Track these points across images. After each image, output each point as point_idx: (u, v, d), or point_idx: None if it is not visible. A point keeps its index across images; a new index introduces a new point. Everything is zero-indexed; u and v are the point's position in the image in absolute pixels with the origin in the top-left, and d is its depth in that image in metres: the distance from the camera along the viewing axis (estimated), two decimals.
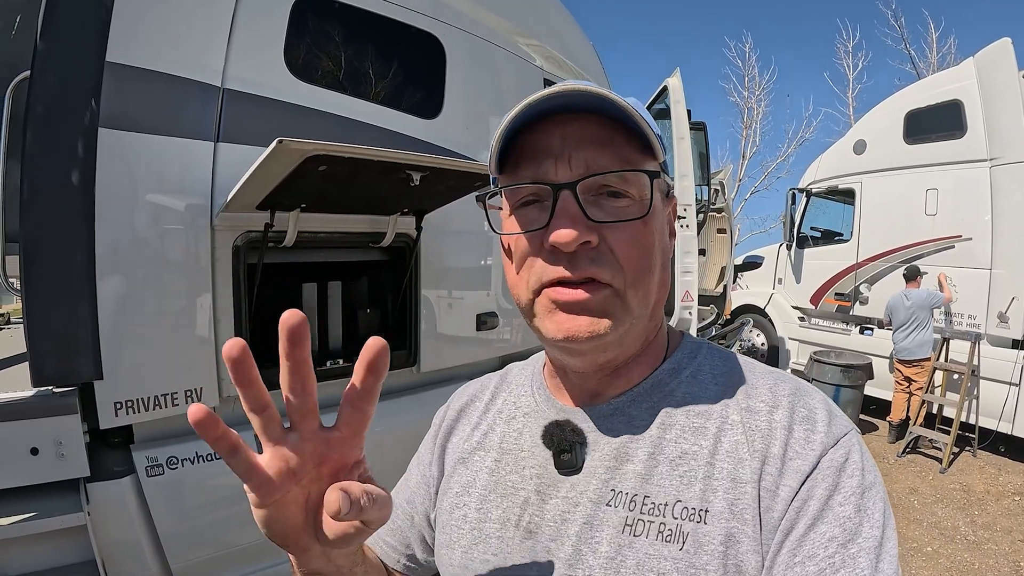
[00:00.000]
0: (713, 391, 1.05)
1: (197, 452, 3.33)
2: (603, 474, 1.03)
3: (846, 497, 0.89)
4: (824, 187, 12.15)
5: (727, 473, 0.95)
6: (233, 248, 3.41)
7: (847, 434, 0.96)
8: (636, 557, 0.94)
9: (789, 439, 0.95)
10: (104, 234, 2.94)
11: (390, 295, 4.36)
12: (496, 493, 1.14)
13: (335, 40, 3.98)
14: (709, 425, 1.00)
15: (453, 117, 4.55)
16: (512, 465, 1.15)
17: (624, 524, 0.97)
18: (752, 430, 0.97)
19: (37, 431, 2.92)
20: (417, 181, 3.04)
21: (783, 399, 1.00)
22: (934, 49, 27.21)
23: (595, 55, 6.88)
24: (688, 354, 1.13)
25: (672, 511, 0.95)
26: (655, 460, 1.00)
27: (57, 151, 2.78)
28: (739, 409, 1.01)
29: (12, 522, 2.83)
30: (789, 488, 0.91)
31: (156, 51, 3.11)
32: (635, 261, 0.96)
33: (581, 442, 1.08)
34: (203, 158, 3.28)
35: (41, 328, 2.81)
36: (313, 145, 2.50)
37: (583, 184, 0.94)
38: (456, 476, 1.24)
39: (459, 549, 1.15)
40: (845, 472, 0.91)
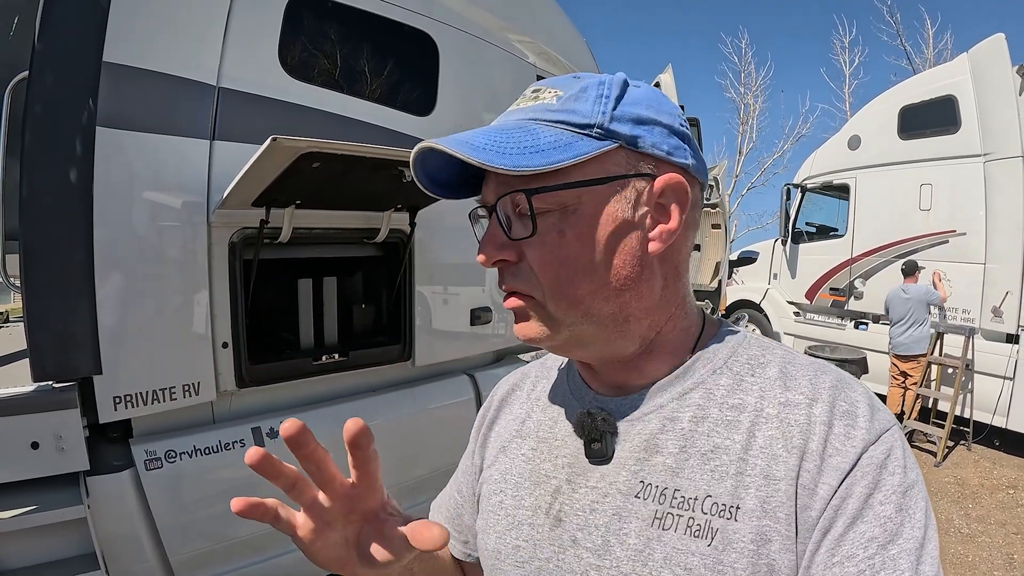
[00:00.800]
0: (749, 382, 1.00)
1: (195, 445, 3.38)
2: (633, 465, 1.01)
3: (887, 496, 0.85)
4: (819, 183, 12.12)
5: (760, 469, 0.91)
6: (229, 244, 3.45)
7: (889, 430, 0.91)
8: (664, 551, 0.92)
9: (829, 435, 0.90)
10: (102, 231, 3.00)
11: (384, 290, 4.39)
12: (530, 480, 1.13)
13: (329, 38, 4.02)
14: (743, 418, 0.96)
15: (446, 114, 4.57)
16: (547, 453, 1.14)
17: (653, 517, 0.95)
18: (789, 425, 0.93)
19: (37, 425, 2.95)
20: (409, 177, 3.00)
21: (823, 392, 0.95)
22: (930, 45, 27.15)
23: (588, 51, 6.91)
24: (724, 343, 1.07)
25: (702, 506, 0.92)
26: (686, 453, 0.97)
27: (55, 150, 2.83)
28: (776, 402, 0.96)
29: (13, 515, 2.87)
30: (828, 486, 0.87)
31: (152, 51, 3.15)
32: (551, 274, 0.96)
33: (612, 432, 1.05)
34: (199, 156, 3.31)
35: (41, 324, 2.86)
36: (306, 142, 2.54)
37: (503, 204, 0.96)
38: (496, 464, 1.24)
39: (494, 535, 1.15)
40: (886, 469, 0.87)
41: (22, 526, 2.90)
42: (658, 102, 0.99)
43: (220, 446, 3.46)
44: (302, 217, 3.56)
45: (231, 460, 3.47)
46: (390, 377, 4.44)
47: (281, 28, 3.66)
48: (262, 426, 3.64)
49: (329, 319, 4.13)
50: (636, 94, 0.97)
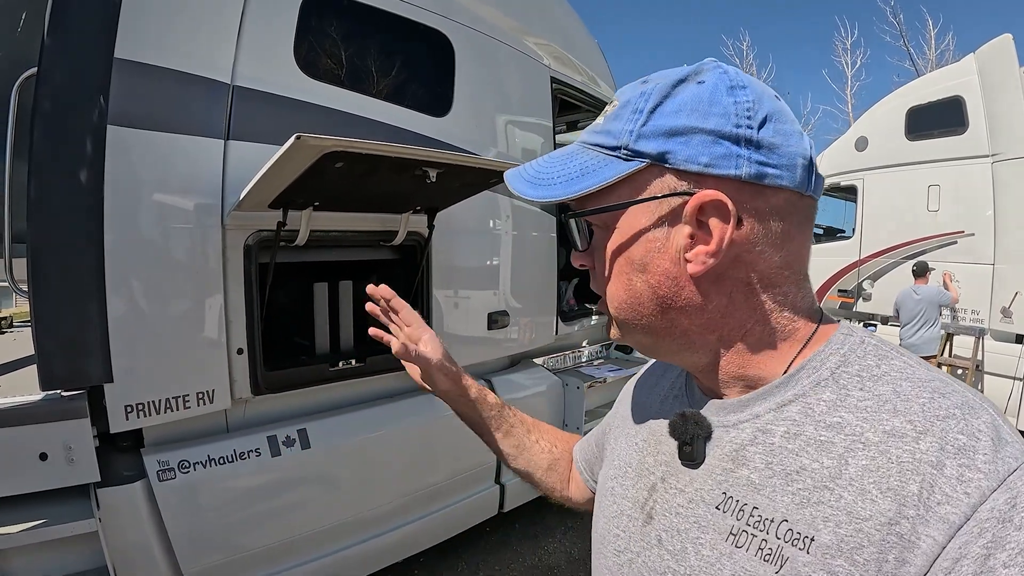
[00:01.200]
0: (855, 398, 0.88)
1: (209, 455, 3.27)
2: (719, 475, 0.97)
3: (1011, 556, 0.71)
4: (826, 184, 11.74)
5: (845, 503, 0.81)
6: (244, 247, 3.33)
7: (1017, 470, 0.75)
8: (732, 568, 0.89)
9: (937, 478, 0.77)
10: (113, 233, 2.89)
11: (401, 294, 4.18)
12: (636, 471, 1.14)
13: (344, 37, 3.91)
14: (838, 441, 0.86)
15: (463, 115, 4.48)
16: (653, 447, 1.13)
17: (729, 532, 0.91)
18: (890, 460, 0.80)
19: (46, 436, 2.85)
20: (433, 178, 2.96)
21: (936, 422, 0.81)
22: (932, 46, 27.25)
23: (600, 53, 6.82)
24: (835, 350, 0.94)
25: (777, 530, 0.86)
26: (771, 470, 0.90)
27: (65, 149, 2.74)
28: (880, 429, 0.83)
29: (21, 529, 2.76)
30: (933, 540, 0.74)
31: (165, 48, 3.05)
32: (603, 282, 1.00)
33: (704, 436, 1.01)
34: (213, 156, 3.21)
35: (49, 330, 2.76)
36: (332, 141, 2.42)
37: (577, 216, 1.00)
38: (618, 448, 1.26)
39: (603, 518, 1.19)
40: (1012, 522, 0.72)
41: (30, 541, 2.78)
42: (709, 102, 0.88)
43: (235, 455, 3.35)
44: (319, 219, 3.44)
45: (246, 470, 3.36)
46: (407, 383, 4.21)
47: (296, 26, 3.55)
48: (278, 434, 3.54)
49: (345, 324, 4.01)
50: (681, 99, 0.89)
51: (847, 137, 11.85)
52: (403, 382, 4.27)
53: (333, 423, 3.80)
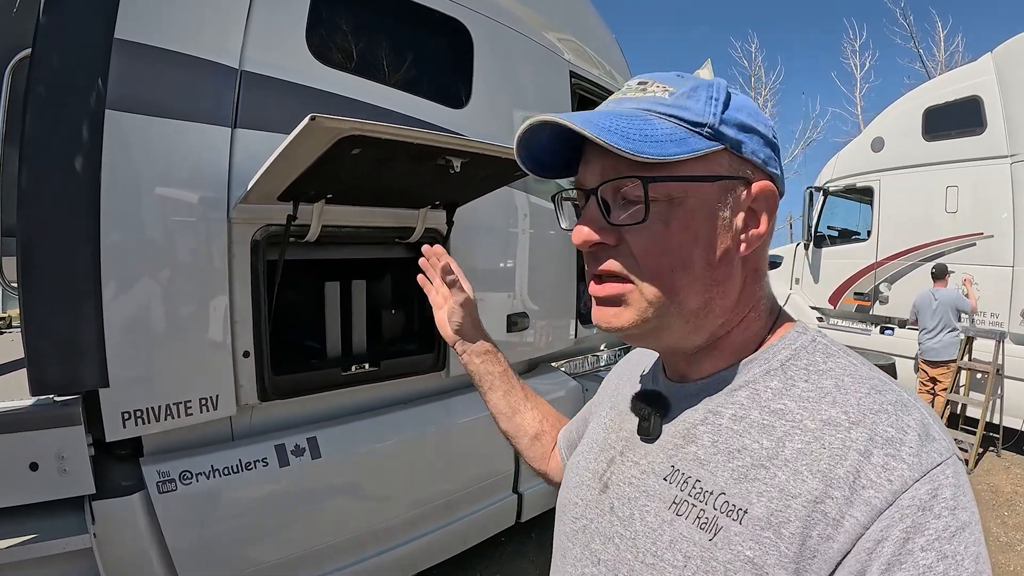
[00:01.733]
0: (799, 389, 0.96)
1: (213, 465, 3.08)
2: (671, 450, 1.05)
3: (929, 541, 0.77)
4: (841, 185, 11.80)
5: (779, 481, 0.88)
6: (252, 243, 3.15)
7: (940, 465, 0.82)
8: (672, 535, 0.96)
9: (864, 465, 0.83)
10: (110, 228, 2.72)
11: (417, 295, 4.06)
12: (599, 446, 1.23)
13: (359, 23, 3.73)
14: (778, 425, 0.93)
15: (482, 107, 4.29)
16: (617, 424, 1.22)
17: (672, 501, 0.99)
18: (822, 446, 0.87)
19: (37, 444, 2.68)
20: (458, 168, 2.76)
21: (868, 415, 0.88)
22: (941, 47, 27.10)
23: (618, 47, 6.64)
24: (787, 344, 1.04)
25: (715, 501, 0.93)
26: (716, 447, 0.98)
27: (59, 135, 2.60)
28: (818, 417, 0.91)
29: (9, 545, 2.57)
30: (856, 521, 0.81)
31: (169, 29, 2.88)
32: (653, 261, 0.97)
33: (660, 414, 1.10)
34: (219, 145, 3.02)
35: (41, 331, 2.62)
36: (349, 124, 2.21)
37: (608, 188, 0.99)
38: (591, 429, 1.35)
39: (565, 489, 1.27)
40: (931, 511, 0.79)
41: (20, 557, 2.57)
42: (756, 112, 1.01)
43: (240, 466, 3.15)
44: (331, 214, 3.25)
45: (253, 481, 3.17)
46: (422, 388, 4.16)
47: (309, 9, 3.37)
48: (286, 443, 3.34)
49: (358, 326, 3.83)
50: (739, 101, 1.00)
51: (863, 138, 11.68)
52: (418, 387, 4.13)
53: (345, 431, 3.60)
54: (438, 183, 3.18)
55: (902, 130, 10.62)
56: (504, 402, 1.70)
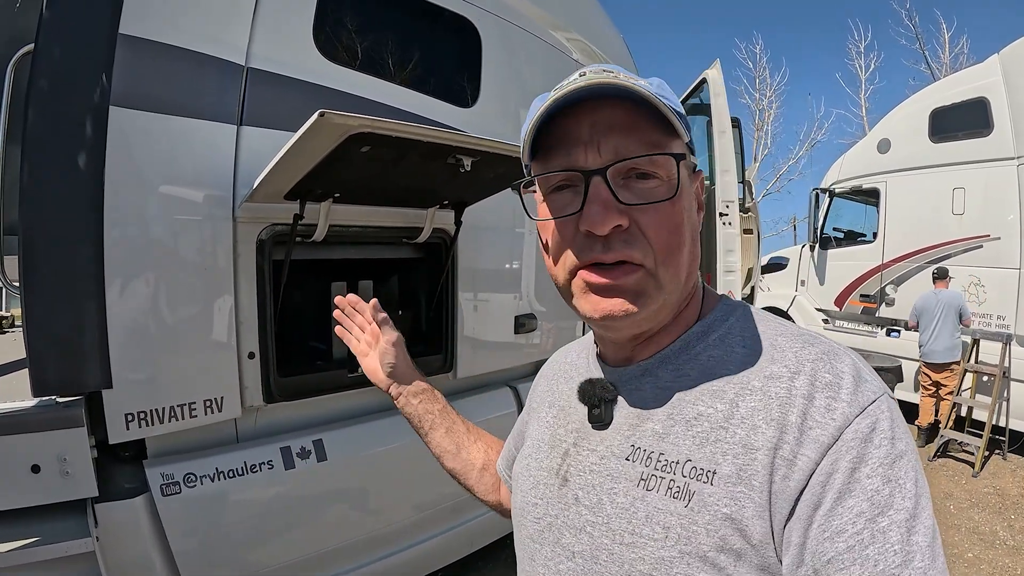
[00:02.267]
0: (739, 354, 1.04)
1: (217, 468, 3.03)
2: (627, 431, 1.08)
3: (873, 469, 0.85)
4: (848, 187, 11.75)
5: (740, 438, 0.93)
6: (257, 242, 3.09)
7: (876, 400, 0.91)
8: (646, 510, 0.98)
9: (809, 407, 0.91)
10: (114, 226, 2.66)
11: (424, 296, 4.06)
12: (548, 444, 1.24)
13: (367, 20, 3.68)
14: (728, 389, 0.99)
15: (490, 106, 4.23)
16: (563, 419, 1.24)
17: (639, 478, 1.01)
18: (771, 397, 0.94)
19: (38, 446, 2.62)
20: (468, 167, 2.71)
21: (806, 364, 0.96)
22: (946, 49, 26.87)
23: (625, 48, 6.56)
24: (721, 317, 1.12)
25: (682, 469, 0.96)
26: (672, 420, 1.02)
27: (62, 132, 2.54)
28: (761, 375, 0.98)
29: (10, 549, 2.52)
30: (808, 458, 0.88)
31: (175, 24, 2.83)
32: (665, 240, 0.98)
33: (610, 399, 1.13)
34: (224, 142, 2.97)
35: (43, 331, 2.55)
36: (359, 121, 2.15)
37: (613, 169, 0.97)
38: (531, 434, 1.35)
39: (520, 493, 1.26)
40: (872, 442, 0.87)
41: (21, 561, 2.52)
42: None
43: (246, 468, 3.09)
44: (337, 213, 3.19)
45: (258, 484, 3.11)
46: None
47: (316, 6, 3.31)
48: (292, 445, 3.27)
49: None
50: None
51: (869, 139, 11.64)
52: None
53: (351, 433, 3.54)
54: (447, 182, 3.12)
55: (909, 132, 10.57)
56: (447, 439, 1.69)
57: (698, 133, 6.68)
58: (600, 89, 0.94)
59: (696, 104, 6.57)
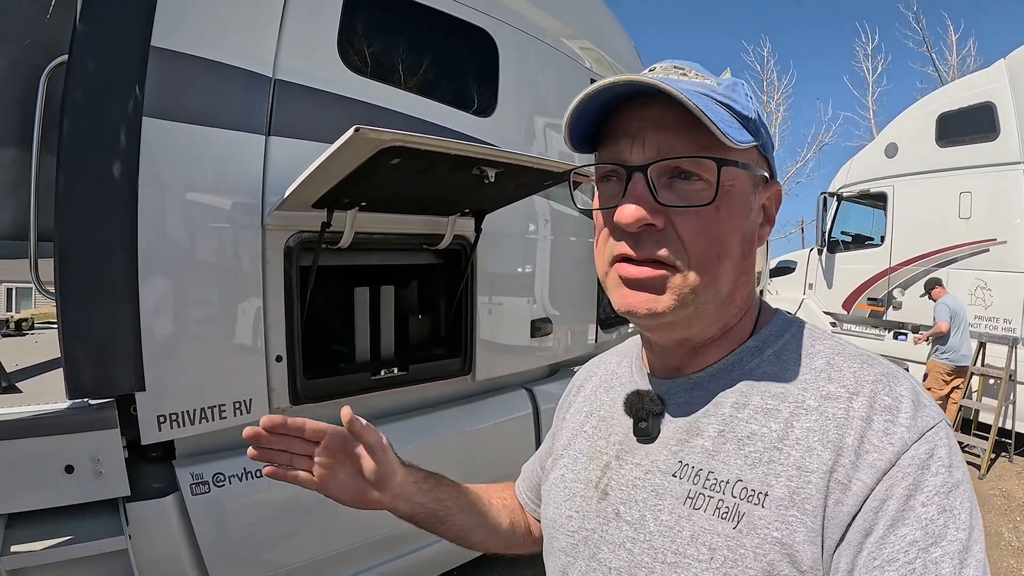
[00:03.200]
0: (794, 372, 1.00)
1: (245, 468, 3.04)
2: (674, 446, 1.03)
3: (929, 497, 0.82)
4: (855, 191, 11.68)
5: (794, 460, 0.90)
6: (285, 249, 3.12)
7: (934, 427, 0.87)
8: (692, 529, 0.94)
9: (867, 431, 0.87)
10: (147, 233, 2.68)
11: (444, 300, 4.08)
12: (587, 456, 1.18)
13: (388, 33, 3.71)
14: (783, 408, 0.95)
15: (508, 115, 4.25)
16: (604, 431, 1.18)
17: (686, 496, 0.97)
18: (827, 418, 0.91)
19: (72, 447, 2.66)
20: (492, 178, 2.73)
21: (865, 385, 0.92)
22: (954, 51, 26.70)
23: (638, 57, 6.57)
24: (776, 332, 1.07)
25: (732, 490, 0.93)
26: (724, 437, 0.98)
27: (96, 142, 2.56)
28: (817, 394, 0.94)
29: (45, 547, 2.56)
30: (862, 483, 0.84)
31: (204, 37, 2.85)
32: (701, 247, 0.95)
33: (658, 412, 1.08)
34: (253, 152, 2.99)
35: (77, 336, 2.58)
36: (391, 135, 2.19)
37: (655, 168, 0.95)
38: (564, 442, 1.29)
39: (552, 505, 1.22)
40: (929, 470, 0.83)
41: (56, 559, 2.56)
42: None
43: None
44: (363, 221, 3.21)
45: (285, 483, 3.06)
46: (447, 392, 4.12)
47: (340, 19, 3.34)
48: None
49: (386, 331, 3.79)
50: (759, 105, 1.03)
51: (877, 143, 11.56)
52: (444, 391, 4.11)
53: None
54: (470, 191, 3.14)
55: (916, 136, 10.51)
56: (468, 516, 1.46)
57: None
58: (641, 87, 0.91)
59: None
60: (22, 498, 2.59)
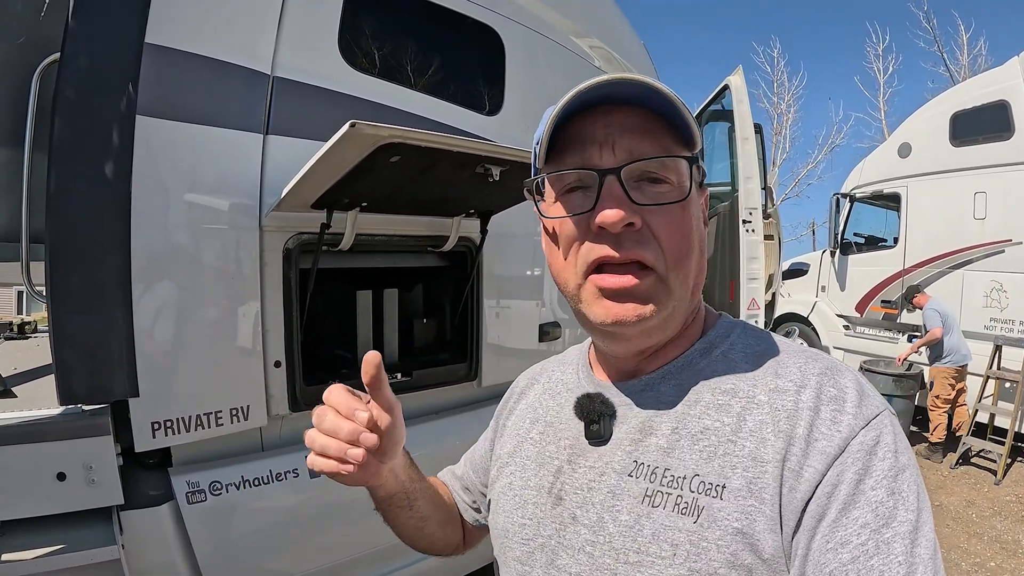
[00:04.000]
0: (743, 370, 1.04)
1: (243, 476, 2.99)
2: (628, 446, 1.04)
3: (878, 481, 0.85)
4: (868, 192, 11.59)
5: (748, 451, 0.93)
6: (284, 251, 3.06)
7: (879, 415, 0.92)
8: (652, 527, 0.95)
9: (815, 420, 0.91)
10: (141, 234, 2.63)
11: (449, 304, 4.02)
12: (536, 462, 1.19)
13: (391, 29, 3.66)
14: (734, 403, 0.99)
15: (514, 113, 4.18)
16: (552, 436, 1.19)
17: (644, 495, 0.98)
18: (778, 410, 0.94)
19: (64, 454, 2.61)
20: (497, 176, 2.68)
21: (811, 378, 0.97)
22: (965, 51, 26.40)
23: (647, 55, 6.49)
24: (722, 333, 1.12)
25: (690, 485, 0.94)
26: (677, 435, 1.00)
27: (89, 140, 2.52)
28: (766, 389, 0.98)
29: (36, 556, 2.50)
30: (814, 469, 0.88)
31: (201, 33, 2.80)
32: (675, 244, 0.98)
33: (610, 414, 1.10)
34: (251, 151, 2.94)
35: (69, 340, 2.53)
36: (389, 131, 2.14)
37: (627, 169, 0.96)
38: (509, 449, 1.29)
39: (502, 514, 1.21)
40: (876, 455, 0.87)
41: (47, 568, 2.50)
42: None
43: (271, 476, 3.05)
44: (364, 222, 3.16)
45: (283, 492, 3.07)
46: (452, 398, 4.05)
47: (341, 15, 3.28)
48: None
49: (390, 335, 3.73)
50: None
51: (889, 144, 11.47)
52: (449, 397, 4.05)
53: None
54: (474, 191, 3.09)
55: (929, 135, 10.43)
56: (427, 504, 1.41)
57: (721, 139, 6.62)
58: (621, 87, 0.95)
59: (718, 110, 6.51)
60: (13, 506, 2.54)
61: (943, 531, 6.70)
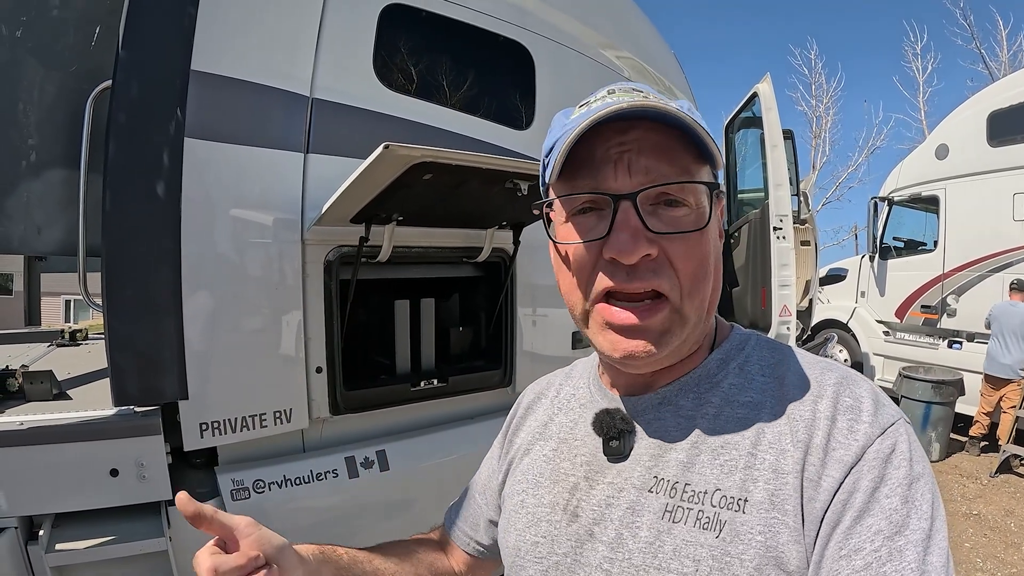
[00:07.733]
0: (759, 382, 1.03)
1: (285, 475, 3.10)
2: (647, 461, 1.03)
3: (892, 489, 0.86)
4: (906, 195, 11.38)
5: (769, 464, 0.92)
6: (325, 263, 3.18)
7: (894, 424, 0.92)
8: (673, 543, 0.94)
9: (832, 429, 0.91)
10: (191, 248, 2.77)
11: (484, 312, 4.10)
12: (550, 479, 1.17)
13: (423, 49, 3.75)
14: (752, 416, 0.98)
15: (545, 127, 4.18)
16: (566, 452, 1.17)
17: (664, 510, 0.97)
18: (796, 420, 0.95)
19: (117, 452, 2.73)
20: (525, 191, 2.77)
21: (828, 388, 0.97)
22: (1004, 47, 25.64)
23: (677, 64, 6.50)
24: (737, 345, 1.11)
25: (711, 499, 0.94)
26: (697, 449, 0.99)
27: (141, 162, 2.64)
28: (784, 400, 0.98)
29: (89, 545, 2.66)
30: (832, 479, 0.88)
31: (242, 60, 2.95)
32: (692, 271, 0.95)
33: (629, 430, 1.08)
34: (293, 170, 3.08)
35: (124, 346, 2.65)
36: (421, 151, 2.25)
37: (643, 195, 0.93)
38: (520, 466, 1.27)
39: (514, 532, 1.18)
40: (891, 463, 0.88)
41: (99, 557, 2.66)
42: None
43: (311, 476, 3.17)
44: (400, 234, 3.27)
45: (323, 491, 3.18)
46: (485, 404, 4.12)
47: (375, 37, 3.40)
48: (356, 455, 3.33)
49: (427, 343, 3.82)
50: None
51: (927, 145, 11.25)
52: (484, 403, 4.11)
53: (413, 444, 3.59)
54: (505, 204, 3.17)
55: (966, 136, 10.25)
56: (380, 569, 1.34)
57: (752, 146, 6.64)
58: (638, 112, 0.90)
59: (749, 117, 6.52)
60: (68, 499, 2.67)
61: (981, 540, 6.58)
